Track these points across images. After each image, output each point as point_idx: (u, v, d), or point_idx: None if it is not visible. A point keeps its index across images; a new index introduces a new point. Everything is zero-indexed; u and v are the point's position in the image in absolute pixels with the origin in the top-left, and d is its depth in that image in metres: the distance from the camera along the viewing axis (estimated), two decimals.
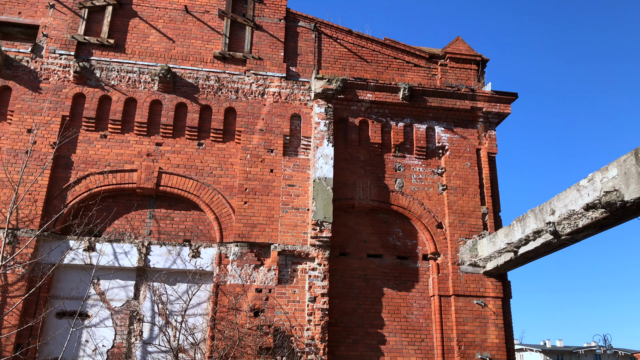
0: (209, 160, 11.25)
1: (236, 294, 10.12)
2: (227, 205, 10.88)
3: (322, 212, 10.69)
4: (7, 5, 11.65)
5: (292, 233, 10.77)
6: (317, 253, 10.57)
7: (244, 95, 11.73)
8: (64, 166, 10.68)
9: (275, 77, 11.97)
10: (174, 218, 10.90)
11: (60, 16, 11.67)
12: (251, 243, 10.55)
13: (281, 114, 11.67)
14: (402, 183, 11.78)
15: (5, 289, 9.57)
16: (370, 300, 10.96)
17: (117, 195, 10.86)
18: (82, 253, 10.20)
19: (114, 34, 11.75)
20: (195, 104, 11.48)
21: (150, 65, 11.58)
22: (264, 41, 12.27)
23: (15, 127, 10.68)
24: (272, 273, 10.40)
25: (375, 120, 12.07)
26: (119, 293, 10.23)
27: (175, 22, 12.11)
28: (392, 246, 11.48)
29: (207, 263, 10.49)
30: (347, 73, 12.37)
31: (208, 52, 11.99)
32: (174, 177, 10.98)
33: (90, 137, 11.01)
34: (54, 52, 11.31)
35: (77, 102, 11.12)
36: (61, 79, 11.16)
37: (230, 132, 11.52)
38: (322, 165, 11.11)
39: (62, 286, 10.13)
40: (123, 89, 11.32)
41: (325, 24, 12.69)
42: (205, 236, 10.86)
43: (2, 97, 10.93)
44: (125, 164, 10.90)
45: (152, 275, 10.38)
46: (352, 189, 11.48)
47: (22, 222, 10.04)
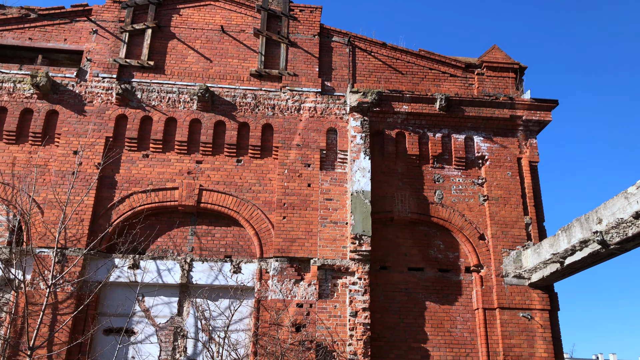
0: (247, 176, 11.38)
1: (277, 309, 10.15)
2: (267, 220, 10.97)
3: (360, 225, 10.65)
4: (53, 33, 12.16)
5: (332, 247, 10.76)
6: (357, 267, 10.51)
7: (281, 111, 11.86)
8: (109, 186, 10.99)
9: (311, 92, 12.06)
10: (215, 234, 11.05)
11: (103, 41, 12.10)
12: (291, 258, 10.58)
13: (317, 129, 11.73)
14: (442, 194, 11.63)
15: (56, 306, 9.87)
16: (413, 315, 10.80)
17: (159, 213, 11.09)
18: (127, 270, 10.43)
19: (154, 56, 12.09)
20: (233, 121, 11.67)
21: (189, 85, 11.85)
22: (298, 57, 12.40)
23: (62, 149, 11.07)
24: (312, 288, 10.39)
25: (412, 131, 11.99)
26: (163, 309, 10.41)
27: (212, 42, 12.38)
28: (434, 259, 11.31)
29: (248, 278, 10.57)
30: (382, 85, 12.36)
31: (244, 71, 12.19)
32: (214, 194, 11.14)
33: (133, 156, 11.31)
34: (97, 75, 11.72)
35: (119, 123, 11.46)
36: (104, 101, 11.53)
37: (267, 148, 11.64)
38: (359, 179, 11.09)
39: (108, 303, 10.38)
40: (163, 109, 11.61)
41: (359, 38, 12.74)
42: (246, 252, 10.96)
43: (50, 121, 11.36)
44: (167, 182, 11.14)
45: (195, 291, 10.52)
46: (390, 202, 11.40)
47: (70, 241, 10.36)
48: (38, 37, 12.10)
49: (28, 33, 12.12)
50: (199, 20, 12.55)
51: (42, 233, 10.36)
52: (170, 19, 12.50)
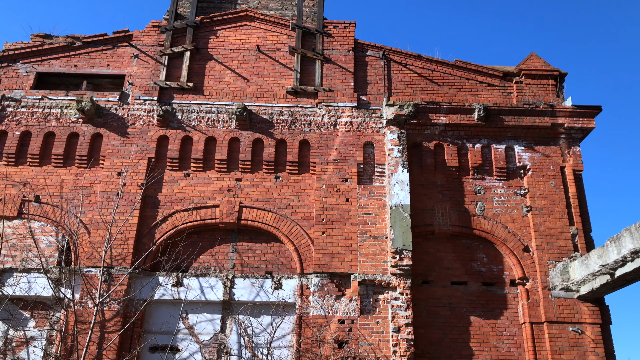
0: (286, 192, 11.46)
1: (319, 325, 10.12)
2: (306, 236, 10.99)
3: (401, 239, 10.54)
4: (97, 59, 12.62)
5: (372, 262, 10.69)
6: (399, 282, 10.39)
7: (317, 127, 11.92)
8: (152, 205, 11.25)
9: (347, 107, 12.10)
10: (255, 251, 11.14)
11: (144, 65, 12.48)
12: (331, 273, 10.56)
13: (354, 143, 11.74)
14: (483, 206, 11.42)
15: (103, 324, 10.11)
16: (457, 330, 10.58)
17: (201, 230, 11.27)
18: (170, 288, 10.62)
19: (193, 78, 12.39)
20: (271, 138, 11.80)
21: (227, 104, 12.07)
22: (333, 73, 12.48)
23: (107, 171, 11.42)
24: (353, 303, 10.32)
25: (451, 143, 11.85)
26: (206, 327, 10.52)
27: (248, 61, 12.60)
28: (477, 272, 11.08)
29: (289, 294, 10.59)
30: (419, 97, 12.29)
31: (281, 88, 12.34)
32: (254, 210, 11.26)
33: (175, 176, 11.55)
34: (139, 98, 12.07)
35: (161, 144, 11.75)
36: (146, 123, 11.86)
37: (305, 164, 11.71)
38: (398, 192, 11.00)
39: (153, 321, 10.56)
40: (203, 129, 11.85)
41: (394, 51, 12.74)
42: (286, 267, 11.00)
43: (95, 144, 11.75)
44: (208, 200, 11.32)
45: (237, 308, 10.60)
46: (430, 215, 11.26)
47: (116, 260, 10.63)
48: (83, 64, 12.58)
49: (73, 60, 12.62)
50: (236, 41, 12.81)
51: (89, 253, 10.67)
52: (207, 40, 12.80)
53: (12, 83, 12.29)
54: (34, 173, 11.51)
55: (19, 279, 10.55)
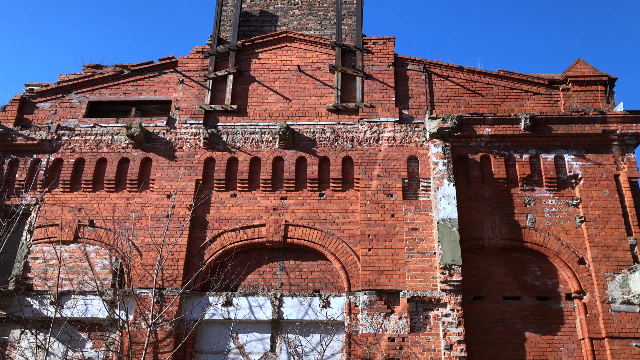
0: (330, 209, 11.47)
1: (369, 343, 10.01)
2: (352, 253, 10.95)
3: (449, 254, 10.36)
4: (144, 86, 13.07)
5: (421, 278, 10.53)
6: (449, 298, 10.18)
7: (359, 143, 11.93)
8: (200, 226, 11.47)
9: (389, 122, 12.07)
10: (302, 269, 11.17)
11: (189, 89, 12.84)
12: (379, 290, 10.46)
13: (397, 158, 11.67)
14: (534, 218, 11.10)
15: (156, 345, 10.32)
16: (512, 346, 10.26)
17: (249, 250, 11.40)
18: (220, 308, 10.75)
19: (236, 100, 12.65)
20: (314, 156, 11.87)
21: (270, 125, 12.26)
22: (374, 89, 12.49)
23: (157, 194, 11.74)
24: (403, 321, 10.18)
25: (498, 154, 11.62)
26: (256, 346, 10.58)
27: (290, 82, 12.78)
28: (530, 286, 10.74)
29: (338, 313, 10.54)
30: (462, 109, 12.14)
31: (322, 106, 12.44)
32: (300, 228, 11.31)
33: (222, 197, 11.76)
34: (185, 122, 12.41)
35: (208, 166, 12.01)
36: (193, 146, 12.16)
37: (348, 181, 11.71)
38: (444, 206, 10.84)
39: (204, 341, 10.70)
40: (248, 150, 12.04)
41: (435, 64, 12.65)
42: (334, 285, 10.97)
43: (145, 168, 12.12)
44: (255, 219, 11.45)
45: (286, 327, 10.62)
46: (479, 229, 11.03)
47: (167, 281, 10.86)
48: (131, 91, 13.06)
49: (122, 88, 13.11)
50: (277, 62, 13.02)
51: (141, 274, 10.95)
52: (249, 63, 13.07)
53: (66, 113, 12.87)
54: (88, 198, 11.95)
55: (76, 301, 10.92)
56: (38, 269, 11.33)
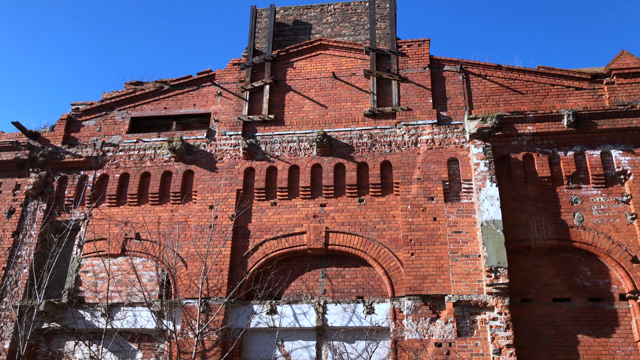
0: (371, 215, 11.42)
1: (415, 349, 9.89)
2: (395, 258, 10.86)
3: (494, 257, 10.14)
4: (184, 100, 13.37)
5: (466, 282, 10.34)
6: (496, 301, 9.96)
7: (397, 147, 11.85)
8: (243, 235, 11.61)
9: (427, 124, 11.95)
10: (345, 275, 11.14)
11: (227, 101, 13.06)
12: (424, 296, 10.33)
13: (437, 160, 11.53)
14: (582, 217, 10.76)
15: (204, 354, 10.47)
16: (564, 350, 9.94)
17: (291, 257, 11.46)
18: (265, 316, 10.83)
19: (273, 109, 12.78)
20: (352, 162, 11.86)
21: (307, 132, 12.33)
22: (410, 92, 12.40)
23: (200, 205, 11.96)
24: (449, 326, 10.01)
25: (541, 152, 11.33)
26: (302, 354, 10.60)
27: (325, 89, 12.83)
28: (581, 287, 10.39)
29: (382, 319, 10.46)
30: (502, 108, 11.91)
31: (358, 112, 12.43)
32: (340, 235, 11.30)
33: (262, 206, 11.88)
34: (224, 134, 12.61)
35: (248, 176, 12.16)
36: (233, 157, 12.34)
37: (388, 185, 11.64)
38: (488, 208, 10.64)
39: (250, 349, 10.80)
40: (286, 158, 12.14)
41: (472, 64, 12.47)
42: (377, 291, 10.90)
43: (187, 180, 12.38)
44: (295, 227, 11.51)
45: (331, 334, 10.61)
46: (525, 229, 10.76)
47: (212, 291, 11.03)
48: (171, 106, 13.38)
49: (163, 103, 13.45)
50: (312, 70, 13.10)
51: (187, 285, 11.15)
52: (285, 72, 13.19)
53: (110, 129, 13.29)
54: (134, 212, 12.28)
55: (125, 312, 11.21)
56: (89, 282, 11.70)
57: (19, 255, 12.07)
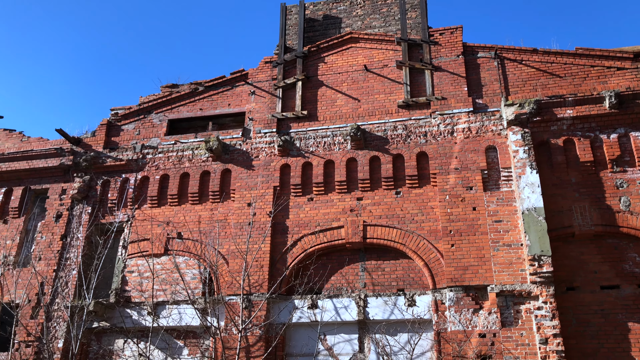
0: (408, 207, 11.34)
1: (459, 340, 9.78)
2: (434, 250, 10.76)
3: (537, 245, 9.92)
4: (218, 100, 13.56)
5: (508, 272, 10.16)
6: (540, 290, 9.75)
7: (433, 137, 11.72)
8: (281, 231, 11.71)
9: (462, 112, 11.77)
10: (384, 268, 11.11)
11: (261, 100, 13.17)
12: (466, 287, 10.20)
13: (475, 149, 11.35)
14: (628, 201, 10.40)
15: (248, 349, 10.64)
16: (614, 338, 9.65)
17: (329, 252, 11.49)
18: (306, 311, 10.91)
19: (306, 105, 12.82)
20: (387, 154, 11.79)
21: (341, 127, 12.32)
22: (444, 80, 12.23)
23: (238, 203, 12.12)
24: (493, 316, 9.86)
25: (582, 136, 11.01)
26: (345, 347, 10.64)
27: (357, 82, 12.79)
28: (630, 274, 10.06)
29: (424, 311, 10.39)
30: (540, 93, 11.61)
31: (392, 103, 12.34)
32: (378, 228, 11.27)
33: (299, 201, 11.95)
34: (259, 132, 12.74)
35: (284, 172, 12.25)
36: (268, 154, 12.45)
37: (425, 177, 11.53)
38: (528, 195, 10.41)
39: (293, 344, 10.90)
40: (321, 154, 12.17)
41: (506, 49, 12.20)
42: (418, 283, 10.82)
43: (225, 179, 12.56)
44: (333, 222, 11.54)
45: (373, 327, 10.60)
46: (568, 216, 10.48)
47: (254, 287, 11.18)
48: (207, 107, 13.59)
49: (198, 104, 13.67)
50: (343, 64, 13.08)
51: (229, 282, 11.34)
52: (317, 68, 13.21)
53: (148, 132, 13.60)
54: (175, 212, 12.54)
55: (170, 310, 11.49)
56: (134, 282, 12.03)
57: (67, 257, 12.52)
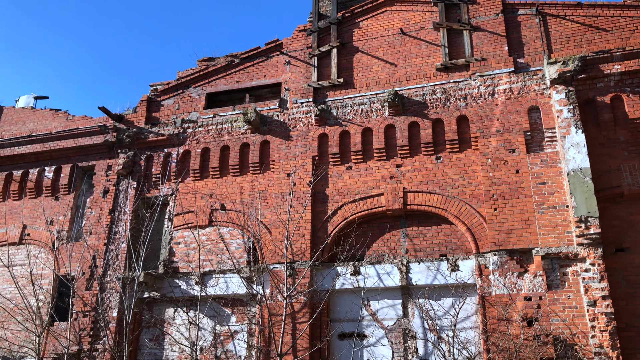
0: (449, 172, 11.21)
1: (504, 304, 9.74)
2: (477, 214, 10.65)
3: (584, 206, 9.68)
4: (254, 72, 13.59)
5: (554, 234, 9.98)
6: (588, 252, 9.56)
7: (473, 99, 11.46)
8: (321, 200, 11.79)
9: (503, 73, 11.44)
10: (426, 234, 11.08)
11: (296, 69, 13.12)
12: (510, 250, 10.09)
13: (517, 110, 11.05)
14: None
15: (293, 316, 10.89)
16: None
17: (370, 219, 11.53)
18: (349, 277, 11.04)
19: (342, 73, 12.70)
20: (426, 119, 11.62)
21: (378, 93, 12.18)
22: (484, 41, 11.88)
23: (278, 174, 12.24)
24: (539, 279, 9.75)
25: (631, 92, 10.55)
26: (388, 312, 10.75)
27: (393, 47, 12.56)
28: None
29: (468, 275, 10.36)
30: (585, 49, 11.15)
31: (430, 67, 12.09)
32: (419, 194, 11.20)
33: (338, 170, 11.97)
34: (296, 102, 12.73)
35: (322, 142, 12.26)
36: (305, 124, 12.46)
37: (465, 140, 11.33)
38: (574, 156, 10.12)
39: (338, 310, 11.09)
40: (358, 121, 12.10)
41: (548, 5, 11.72)
42: (460, 248, 10.77)
43: (264, 151, 12.67)
44: (372, 189, 11.53)
45: (416, 292, 10.66)
46: (616, 176, 10.16)
47: (296, 255, 11.36)
48: (243, 79, 13.64)
49: (235, 77, 13.73)
50: (379, 29, 12.84)
51: (272, 251, 11.55)
52: (351, 34, 13.02)
53: (188, 107, 13.79)
54: (217, 184, 12.78)
55: (217, 280, 11.82)
56: (181, 253, 12.40)
57: (116, 231, 12.97)
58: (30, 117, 15.39)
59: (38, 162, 14.54)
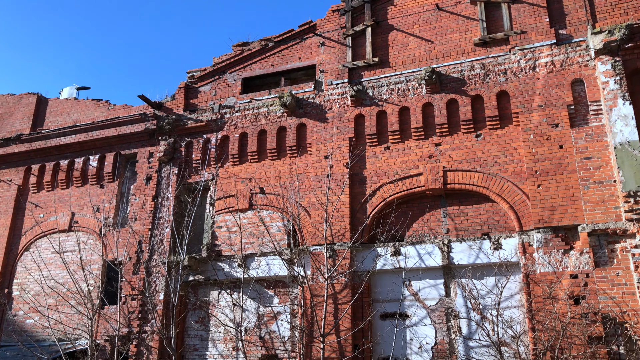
0: (490, 149, 10.99)
1: (549, 282, 9.56)
2: (519, 191, 10.43)
3: (633, 181, 9.36)
4: (289, 55, 13.56)
5: (601, 210, 9.69)
6: (638, 228, 9.25)
7: (513, 74, 11.16)
8: (359, 182, 11.77)
9: (544, 46, 11.07)
10: (467, 213, 10.94)
11: (330, 50, 13.03)
12: (554, 227, 9.86)
13: (559, 84, 10.71)
14: None
15: (335, 297, 10.98)
16: None
17: (409, 200, 11.45)
18: (390, 258, 11.03)
19: (377, 52, 12.55)
20: (465, 96, 11.39)
21: (414, 71, 11.99)
22: (523, 13, 11.50)
23: (315, 156, 12.26)
24: (585, 256, 9.51)
25: None
26: (430, 292, 10.71)
27: (429, 23, 12.30)
28: None
29: (511, 254, 10.20)
30: (631, 17, 10.67)
31: (467, 42, 11.81)
32: (459, 173, 11.05)
33: (375, 151, 11.90)
34: (331, 83, 12.67)
35: (358, 123, 12.19)
36: (341, 105, 12.40)
37: (506, 117, 11.07)
38: (621, 129, 9.76)
39: (379, 290, 11.11)
40: (395, 101, 11.96)
41: None
42: (503, 227, 10.60)
43: (301, 133, 12.70)
44: (411, 169, 11.43)
45: (458, 271, 10.57)
46: None
47: (336, 236, 11.40)
48: (278, 62, 13.64)
49: (270, 60, 13.75)
50: (413, 5, 12.59)
51: (312, 233, 11.63)
52: (385, 12, 12.82)
53: (224, 92, 13.91)
54: (255, 168, 12.91)
55: (259, 262, 12.01)
56: (223, 237, 12.63)
57: (160, 216, 13.30)
58: (74, 108, 15.84)
59: (83, 151, 14.98)
